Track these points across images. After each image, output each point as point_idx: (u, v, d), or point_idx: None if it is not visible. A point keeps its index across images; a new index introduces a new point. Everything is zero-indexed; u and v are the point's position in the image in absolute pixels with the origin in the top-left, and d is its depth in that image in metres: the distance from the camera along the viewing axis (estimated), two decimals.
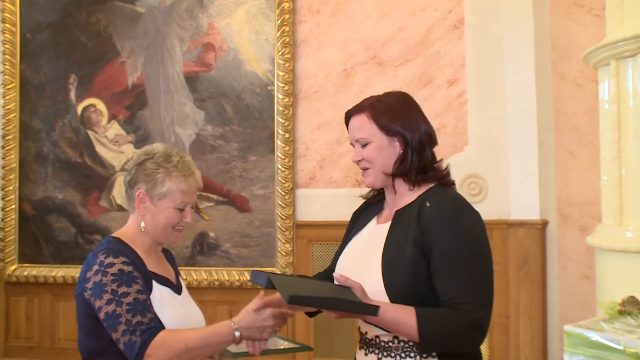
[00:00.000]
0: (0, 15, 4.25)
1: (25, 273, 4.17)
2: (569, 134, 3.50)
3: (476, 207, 1.72)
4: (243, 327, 1.68)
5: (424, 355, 1.61)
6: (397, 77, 3.71)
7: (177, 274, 2.03)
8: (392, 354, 1.65)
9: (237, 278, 3.84)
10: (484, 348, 3.47)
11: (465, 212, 1.66)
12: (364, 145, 1.77)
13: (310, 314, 1.86)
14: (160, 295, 1.81)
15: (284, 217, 3.78)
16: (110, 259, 1.75)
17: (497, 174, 3.54)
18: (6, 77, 4.23)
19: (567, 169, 3.51)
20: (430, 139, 1.82)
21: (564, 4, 3.50)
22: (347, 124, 1.87)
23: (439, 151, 2.23)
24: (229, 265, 3.88)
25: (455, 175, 3.80)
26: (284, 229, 3.79)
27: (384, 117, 1.75)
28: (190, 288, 3.92)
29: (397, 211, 1.74)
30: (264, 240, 3.84)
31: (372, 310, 1.47)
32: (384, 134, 1.75)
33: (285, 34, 3.81)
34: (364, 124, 1.77)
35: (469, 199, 1.90)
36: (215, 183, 3.93)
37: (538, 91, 3.51)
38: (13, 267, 4.20)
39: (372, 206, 1.90)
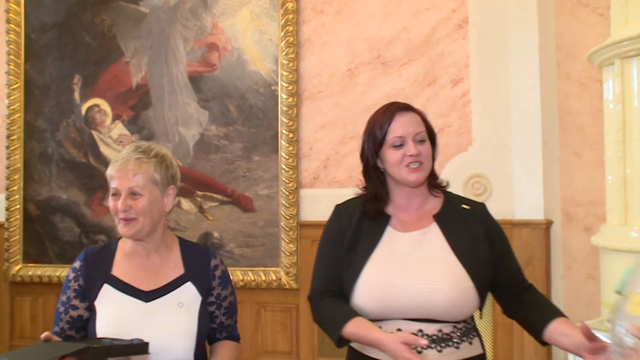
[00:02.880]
0: (5, 16, 4.26)
1: (30, 273, 4.18)
2: (574, 133, 3.49)
3: None
4: None
5: (471, 336, 1.78)
6: (401, 76, 3.70)
7: (191, 279, 1.92)
8: (432, 345, 1.71)
9: (241, 278, 3.84)
10: (488, 347, 3.47)
11: None
12: (422, 143, 1.80)
13: None
14: (106, 297, 1.85)
15: (287, 217, 3.78)
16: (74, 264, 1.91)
17: (502, 173, 3.53)
18: (11, 77, 4.24)
19: (571, 169, 3.50)
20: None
21: (569, 4, 3.49)
22: (392, 116, 1.83)
23: (443, 150, 2.26)
24: (232, 265, 3.87)
25: (459, 175, 3.84)
26: (287, 228, 3.79)
27: (427, 122, 1.86)
28: None
29: (435, 215, 1.81)
30: (268, 240, 3.84)
31: (143, 348, 1.60)
32: (429, 137, 1.85)
33: (289, 34, 3.81)
34: (420, 122, 1.83)
35: (473, 199, 1.94)
36: (219, 183, 3.94)
37: (542, 91, 3.50)
38: (18, 267, 4.21)
39: (370, 213, 1.85)
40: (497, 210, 3.50)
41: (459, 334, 1.74)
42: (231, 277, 3.81)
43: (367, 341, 1.67)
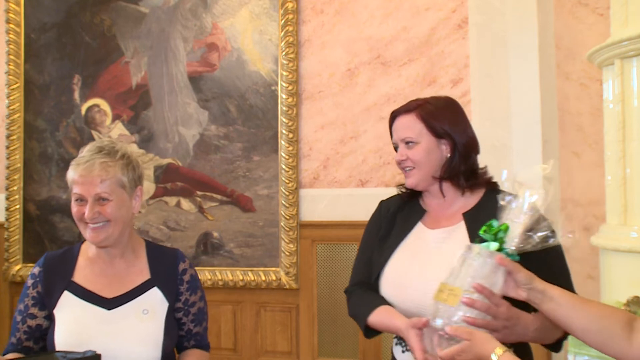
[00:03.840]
0: (5, 16, 4.26)
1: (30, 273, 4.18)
2: (574, 133, 3.49)
3: None
4: None
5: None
6: (401, 76, 3.70)
7: (158, 284, 1.82)
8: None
9: (241, 278, 3.84)
10: None
11: None
12: (410, 146, 1.75)
13: None
14: (66, 305, 1.77)
15: (287, 217, 3.78)
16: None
17: (501, 173, 3.53)
18: (10, 77, 4.23)
19: (571, 169, 3.50)
20: (475, 145, 1.82)
21: (569, 4, 3.49)
22: (391, 124, 1.83)
23: None
24: (232, 265, 3.88)
25: None
26: (287, 228, 3.79)
27: (433, 118, 1.75)
28: None
29: (464, 213, 1.73)
30: (268, 240, 3.84)
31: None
32: (432, 135, 1.75)
33: (289, 34, 3.81)
34: (412, 124, 1.76)
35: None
36: (219, 183, 3.93)
37: (542, 91, 3.49)
38: (17, 267, 4.21)
39: (406, 209, 1.86)
40: None
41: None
42: (231, 277, 3.85)
43: (389, 329, 1.67)
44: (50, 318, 1.77)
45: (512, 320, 1.46)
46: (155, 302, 1.80)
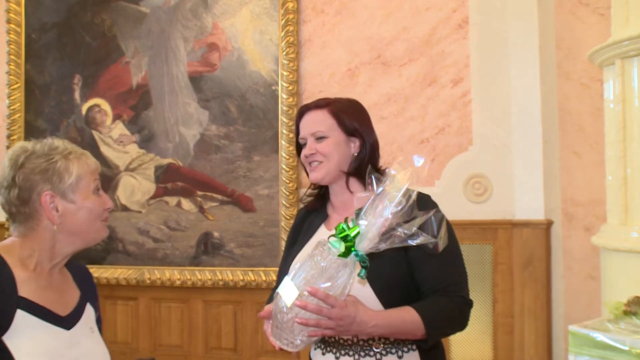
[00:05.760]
0: (6, 16, 4.26)
1: None
2: (574, 133, 3.49)
3: (481, 207, 1.75)
4: None
5: (405, 349, 1.66)
6: (401, 76, 3.70)
7: (88, 300, 1.63)
8: (351, 352, 1.68)
9: (242, 278, 3.84)
10: (488, 347, 3.47)
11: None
12: (319, 141, 1.77)
13: None
14: (24, 328, 1.40)
15: (288, 217, 3.78)
16: None
17: (502, 173, 3.53)
18: (11, 77, 4.24)
19: (572, 169, 3.50)
20: (378, 148, 1.87)
21: (569, 3, 3.49)
22: (299, 120, 1.86)
23: (443, 150, 2.24)
24: (233, 265, 3.88)
25: (460, 175, 3.83)
26: (288, 229, 3.78)
27: (345, 115, 1.79)
28: (194, 288, 3.97)
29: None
30: (268, 240, 3.84)
31: None
32: (342, 130, 1.78)
33: (290, 34, 3.81)
34: (323, 119, 1.79)
35: (473, 199, 1.92)
36: (219, 183, 3.94)
37: (543, 91, 3.50)
38: None
39: (312, 215, 1.89)
40: (498, 210, 3.51)
41: (381, 344, 1.66)
42: (231, 277, 3.86)
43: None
44: None
45: (347, 319, 1.47)
46: (92, 318, 1.62)
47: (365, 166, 1.70)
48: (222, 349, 3.91)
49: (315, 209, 1.90)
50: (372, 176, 1.46)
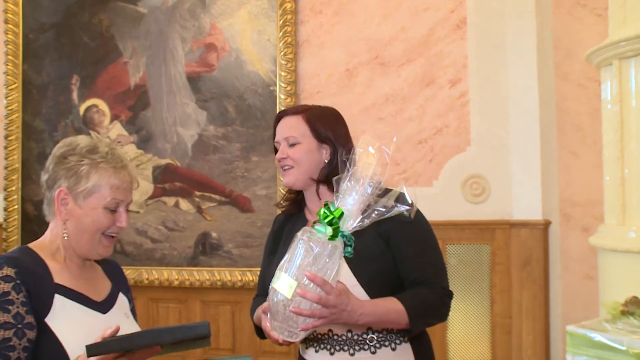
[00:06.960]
0: (3, 16, 4.26)
1: None
2: (572, 134, 3.50)
3: (479, 207, 1.76)
4: None
5: (398, 342, 1.71)
6: (399, 77, 3.70)
7: (120, 290, 1.70)
8: (345, 347, 1.71)
9: (240, 278, 3.84)
10: (486, 348, 3.47)
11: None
12: (292, 146, 1.80)
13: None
14: (62, 310, 1.48)
15: None
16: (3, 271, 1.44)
17: (500, 174, 3.54)
18: (9, 77, 4.23)
19: (569, 169, 3.51)
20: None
21: (567, 4, 3.49)
22: (276, 123, 1.89)
23: (441, 151, 2.24)
24: (231, 266, 3.88)
25: (458, 176, 3.83)
26: None
27: (319, 122, 1.81)
28: (192, 288, 3.97)
29: None
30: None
31: (203, 328, 1.37)
32: (315, 138, 1.81)
33: (288, 34, 3.81)
34: (297, 125, 1.81)
35: (471, 200, 1.93)
36: (217, 183, 3.93)
37: (541, 91, 3.50)
38: None
39: (290, 221, 1.91)
40: (496, 211, 3.51)
41: (374, 337, 1.71)
42: (229, 278, 3.86)
43: (260, 322, 1.74)
44: (39, 328, 1.44)
45: (340, 306, 1.50)
46: (126, 306, 1.69)
47: (335, 174, 1.69)
48: (220, 349, 3.90)
49: (292, 214, 1.92)
50: (344, 158, 1.51)
